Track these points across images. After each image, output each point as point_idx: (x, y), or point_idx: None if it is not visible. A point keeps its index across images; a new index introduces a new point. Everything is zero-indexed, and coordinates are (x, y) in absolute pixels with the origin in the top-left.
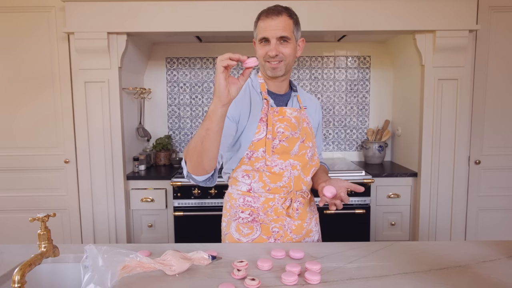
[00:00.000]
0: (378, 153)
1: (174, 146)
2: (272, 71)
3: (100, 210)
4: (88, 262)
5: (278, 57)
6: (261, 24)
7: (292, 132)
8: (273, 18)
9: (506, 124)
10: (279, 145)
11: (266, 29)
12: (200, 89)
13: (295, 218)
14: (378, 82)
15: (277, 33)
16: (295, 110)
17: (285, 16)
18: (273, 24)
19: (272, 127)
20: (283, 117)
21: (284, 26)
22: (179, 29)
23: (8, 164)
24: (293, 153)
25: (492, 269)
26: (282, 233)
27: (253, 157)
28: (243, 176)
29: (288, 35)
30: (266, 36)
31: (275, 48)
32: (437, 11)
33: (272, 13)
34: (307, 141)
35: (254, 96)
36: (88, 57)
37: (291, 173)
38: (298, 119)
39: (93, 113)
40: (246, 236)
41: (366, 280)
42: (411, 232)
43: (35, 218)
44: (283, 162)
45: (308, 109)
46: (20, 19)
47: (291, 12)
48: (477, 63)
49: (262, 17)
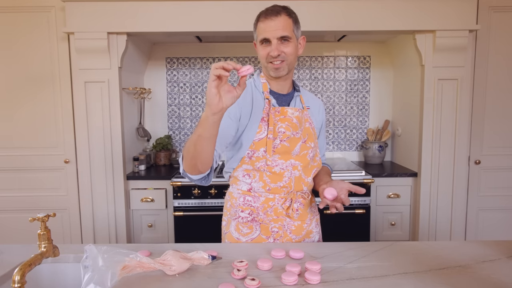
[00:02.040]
0: (378, 153)
1: (174, 146)
2: (275, 72)
3: (100, 210)
4: (88, 262)
5: (280, 57)
6: (261, 25)
7: (294, 132)
8: (272, 18)
9: (506, 124)
10: (280, 145)
11: (266, 30)
12: (200, 89)
13: (295, 218)
14: (378, 82)
15: (278, 33)
16: (297, 110)
17: (284, 16)
18: (273, 25)
19: (273, 126)
20: (284, 117)
21: (284, 26)
22: (179, 29)
23: (8, 164)
24: (294, 153)
25: (492, 269)
26: (282, 233)
27: (254, 156)
28: (243, 175)
29: (288, 34)
30: (267, 37)
31: (276, 48)
32: (437, 11)
33: (271, 14)
34: (309, 141)
35: (257, 96)
36: (88, 57)
37: (292, 173)
38: (300, 119)
39: (93, 113)
40: (246, 235)
41: (366, 280)
42: (411, 232)
43: (35, 218)
44: (284, 162)
45: (311, 109)
46: (20, 19)
47: (289, 11)
48: (477, 63)
49: (262, 19)
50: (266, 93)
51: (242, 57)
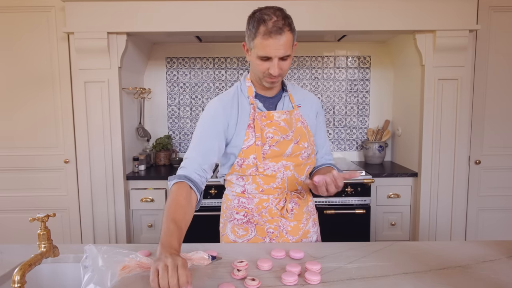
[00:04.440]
0: (378, 153)
1: (174, 146)
2: (270, 84)
3: (100, 210)
4: (88, 262)
5: (279, 74)
6: (262, 41)
7: (283, 136)
8: (276, 38)
9: (506, 124)
10: (270, 151)
11: (268, 49)
12: (200, 89)
13: (290, 219)
14: (378, 82)
15: (280, 52)
16: (284, 112)
17: (287, 32)
18: (276, 44)
19: (260, 132)
20: (271, 121)
21: (286, 45)
22: (179, 29)
23: (8, 164)
24: (286, 154)
25: (492, 269)
26: (278, 234)
27: (244, 164)
28: (237, 178)
29: (289, 52)
30: (269, 56)
31: (278, 68)
32: (437, 11)
33: (275, 33)
34: (302, 142)
35: (242, 101)
36: (88, 57)
37: (284, 174)
38: (288, 121)
39: (93, 113)
40: (241, 237)
41: (366, 280)
42: (411, 232)
43: (35, 218)
44: (275, 164)
45: (302, 107)
46: (20, 19)
47: (290, 23)
48: (477, 63)
49: (265, 36)
50: (251, 98)
51: (242, 57)
